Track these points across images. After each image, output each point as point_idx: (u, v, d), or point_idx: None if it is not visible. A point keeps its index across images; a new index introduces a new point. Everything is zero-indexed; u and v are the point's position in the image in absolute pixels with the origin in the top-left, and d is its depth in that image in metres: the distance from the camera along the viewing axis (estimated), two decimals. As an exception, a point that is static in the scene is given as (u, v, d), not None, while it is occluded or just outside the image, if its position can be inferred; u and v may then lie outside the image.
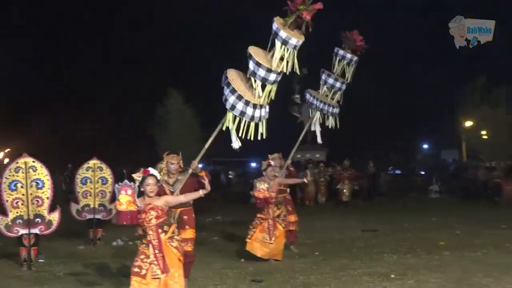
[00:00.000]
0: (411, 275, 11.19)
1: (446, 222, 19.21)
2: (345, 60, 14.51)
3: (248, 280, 11.08)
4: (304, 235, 15.50)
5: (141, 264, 8.52)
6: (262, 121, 9.66)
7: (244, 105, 9.35)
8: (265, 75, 9.46)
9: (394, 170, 40.15)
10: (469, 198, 27.61)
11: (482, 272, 11.27)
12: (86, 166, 15.58)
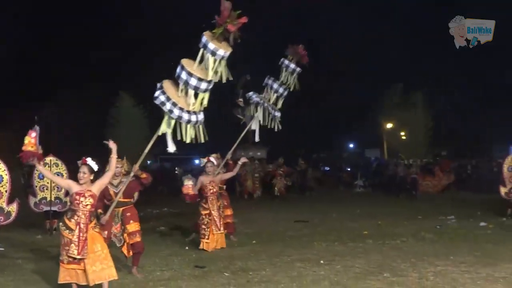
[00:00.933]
0: (338, 261, 11.27)
1: (369, 213, 19.38)
2: (289, 69, 14.74)
3: (192, 266, 11.05)
4: (243, 226, 15.50)
5: (69, 250, 8.51)
6: (199, 126, 9.81)
7: (180, 110, 9.51)
8: (197, 84, 9.61)
9: (323, 167, 40.40)
10: (390, 192, 27.88)
11: (401, 258, 11.41)
12: (43, 162, 15.35)
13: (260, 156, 32.84)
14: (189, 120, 9.62)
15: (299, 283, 9.46)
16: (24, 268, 11.02)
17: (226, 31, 9.74)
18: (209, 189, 12.89)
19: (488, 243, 13.22)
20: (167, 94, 9.60)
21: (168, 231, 15.89)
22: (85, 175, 8.72)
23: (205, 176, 12.99)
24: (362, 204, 22.96)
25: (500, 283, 9.30)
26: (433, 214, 18.56)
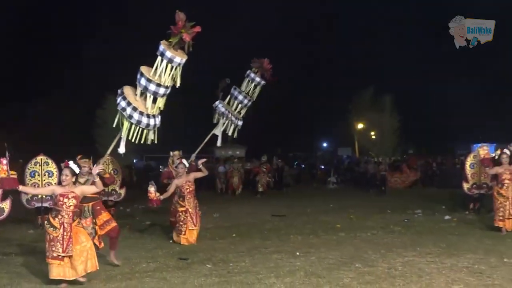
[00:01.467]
0: (312, 252, 11.29)
1: (342, 208, 19.44)
2: (254, 82, 15.18)
3: (176, 258, 11.02)
4: (223, 220, 15.50)
5: (55, 248, 8.65)
6: (155, 129, 10.29)
7: (139, 115, 9.87)
8: (156, 89, 10.03)
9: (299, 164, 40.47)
10: (361, 188, 27.99)
11: (371, 250, 11.46)
12: (34, 161, 15.48)
13: (239, 155, 32.93)
14: (148, 124, 10.02)
15: (276, 273, 9.46)
16: (17, 262, 10.92)
17: (181, 40, 10.08)
18: (186, 189, 12.93)
19: (452, 235, 13.31)
20: (128, 99, 9.90)
21: (153, 225, 15.83)
22: (67, 177, 8.86)
23: (178, 178, 13.06)
24: (335, 199, 22.99)
25: (463, 272, 9.37)
26: (401, 209, 18.65)
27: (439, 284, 8.57)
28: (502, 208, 13.55)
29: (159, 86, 10.05)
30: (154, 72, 10.09)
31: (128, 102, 9.89)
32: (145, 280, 9.24)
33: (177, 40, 10.05)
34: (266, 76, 15.21)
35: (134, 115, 9.86)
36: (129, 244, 11.26)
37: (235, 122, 14.97)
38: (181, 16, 9.99)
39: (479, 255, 10.75)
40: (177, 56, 10.06)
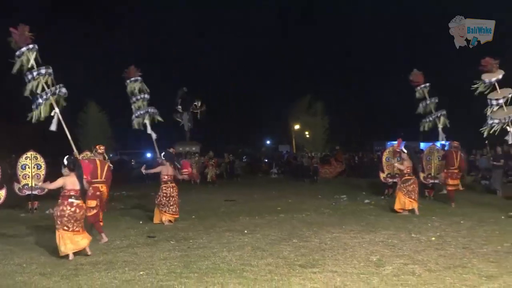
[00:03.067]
0: (258, 230, 11.32)
1: (282, 194, 19.50)
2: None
3: (145, 236, 10.93)
4: (185, 205, 15.35)
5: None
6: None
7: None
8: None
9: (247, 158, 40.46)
10: (297, 178, 28.10)
11: (306, 228, 11.54)
12: (25, 156, 15.31)
13: (194, 150, 32.75)
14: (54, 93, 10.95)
15: (228, 248, 9.46)
16: (10, 240, 10.69)
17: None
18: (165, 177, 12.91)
19: (370, 216, 13.49)
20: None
21: (126, 209, 15.64)
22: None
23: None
24: (277, 187, 23.07)
25: (379, 245, 9.52)
26: (329, 194, 18.80)
27: (360, 255, 8.68)
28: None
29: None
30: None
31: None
32: (119, 254, 9.13)
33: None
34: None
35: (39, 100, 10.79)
36: (106, 226, 11.10)
37: (151, 111, 14.60)
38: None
39: (392, 231, 10.94)
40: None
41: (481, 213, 13.42)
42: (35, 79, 10.78)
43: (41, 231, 11.64)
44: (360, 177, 26.39)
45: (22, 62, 10.98)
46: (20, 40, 11.00)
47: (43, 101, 10.71)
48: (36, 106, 10.64)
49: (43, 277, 7.60)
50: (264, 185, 24.46)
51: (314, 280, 7.15)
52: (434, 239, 10.04)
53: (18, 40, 11.05)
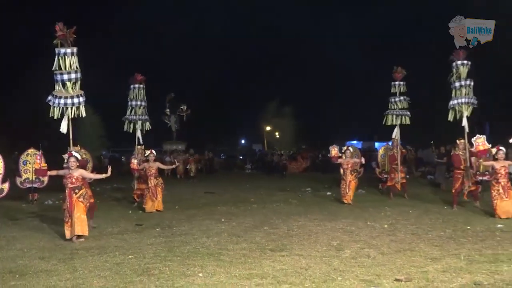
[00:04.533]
0: (234, 219, 11.31)
1: (255, 187, 19.53)
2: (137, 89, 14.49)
3: (133, 224, 10.85)
4: (169, 197, 15.27)
5: (65, 215, 8.98)
6: (79, 106, 10.17)
7: (64, 99, 10.04)
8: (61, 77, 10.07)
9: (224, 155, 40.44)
10: (268, 173, 28.18)
11: (275, 217, 11.57)
12: (26, 153, 15.17)
13: (181, 148, 32.62)
14: (73, 103, 10.04)
15: (207, 234, 9.43)
16: (13, 228, 10.53)
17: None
18: (150, 172, 12.98)
19: (332, 206, 13.58)
20: (54, 94, 10.03)
21: (116, 200, 15.50)
22: (74, 163, 9.11)
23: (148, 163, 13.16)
24: (250, 181, 23.10)
25: (339, 232, 9.58)
26: (296, 187, 18.88)
27: (323, 241, 8.72)
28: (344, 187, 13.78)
29: (62, 74, 10.02)
30: (57, 67, 10.06)
31: (54, 96, 10.00)
32: (110, 240, 9.05)
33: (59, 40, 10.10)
34: None
35: (60, 101, 9.95)
36: (99, 215, 10.99)
37: (143, 118, 14.54)
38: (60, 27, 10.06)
39: (350, 219, 11.01)
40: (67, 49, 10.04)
41: (427, 203, 13.58)
42: (65, 81, 10.08)
43: (40, 219, 11.49)
44: (323, 172, 26.53)
45: (61, 62, 10.05)
46: (63, 40, 10.08)
47: (63, 104, 10.02)
48: (57, 104, 10.01)
49: (42, 261, 7.50)
50: (239, 179, 24.45)
51: (282, 262, 7.16)
52: (387, 226, 10.13)
53: (62, 38, 10.10)
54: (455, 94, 13.06)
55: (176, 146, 33.31)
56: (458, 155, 12.89)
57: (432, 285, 5.96)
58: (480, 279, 6.19)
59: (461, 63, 12.89)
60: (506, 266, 6.76)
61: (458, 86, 12.96)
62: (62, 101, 10.00)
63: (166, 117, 34.86)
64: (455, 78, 13.01)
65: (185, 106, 35.25)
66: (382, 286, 5.99)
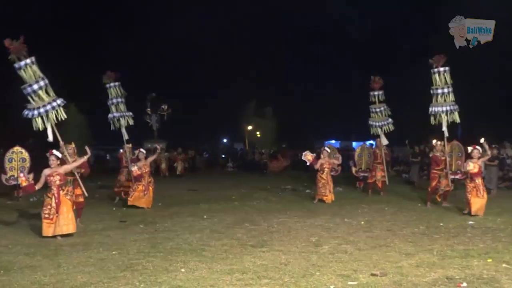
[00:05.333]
0: (215, 216, 11.31)
1: (236, 184, 19.49)
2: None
3: (117, 221, 10.81)
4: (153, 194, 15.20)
5: (49, 212, 8.74)
6: (57, 109, 9.98)
7: (41, 108, 9.83)
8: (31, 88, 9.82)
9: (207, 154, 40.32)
10: (249, 171, 28.17)
11: (256, 214, 11.60)
12: (11, 150, 14.94)
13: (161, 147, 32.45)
14: (52, 107, 9.86)
15: (190, 231, 9.42)
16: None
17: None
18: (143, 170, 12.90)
19: (311, 203, 13.63)
20: (29, 107, 9.79)
21: (100, 197, 15.38)
22: (54, 161, 9.02)
23: (134, 164, 13.00)
24: (232, 179, 23.03)
25: (318, 228, 9.64)
26: (277, 185, 18.87)
27: (302, 237, 8.77)
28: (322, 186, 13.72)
29: (31, 85, 9.79)
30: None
31: (29, 109, 9.78)
32: (95, 236, 8.99)
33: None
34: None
35: (35, 112, 9.74)
36: (84, 212, 10.87)
37: (126, 114, 14.21)
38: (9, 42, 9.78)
39: (328, 216, 11.09)
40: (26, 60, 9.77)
41: (402, 201, 13.73)
42: (36, 91, 9.83)
43: (26, 216, 11.36)
44: (302, 170, 26.60)
45: (24, 74, 9.82)
46: (17, 52, 9.75)
47: (44, 112, 9.81)
48: (37, 115, 9.77)
49: (27, 257, 7.43)
50: (221, 177, 24.40)
51: (263, 258, 7.18)
52: (363, 223, 10.22)
53: (15, 52, 9.76)
54: (436, 100, 12.90)
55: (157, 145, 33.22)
56: (437, 156, 12.96)
57: (406, 280, 6.04)
58: (452, 273, 6.29)
59: (443, 70, 12.70)
60: (476, 261, 6.88)
61: (441, 93, 12.79)
62: (42, 110, 9.81)
63: (147, 116, 34.76)
64: (435, 85, 12.92)
65: (166, 105, 35.20)
66: (359, 280, 6.05)
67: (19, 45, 9.75)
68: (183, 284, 5.98)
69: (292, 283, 5.96)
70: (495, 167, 15.67)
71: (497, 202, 12.76)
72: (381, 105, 15.80)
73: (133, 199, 12.67)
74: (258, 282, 6.03)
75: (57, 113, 10.02)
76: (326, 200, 13.52)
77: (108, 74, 14.15)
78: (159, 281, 6.09)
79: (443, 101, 12.84)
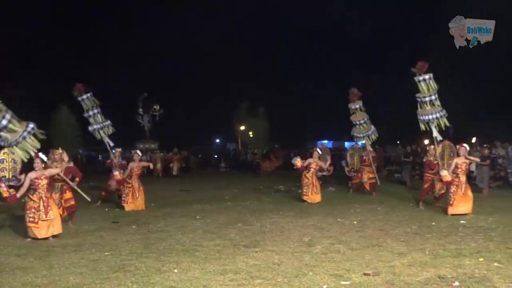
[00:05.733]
0: (208, 216, 11.30)
1: (229, 185, 19.48)
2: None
3: (110, 221, 10.78)
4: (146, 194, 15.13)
5: (34, 215, 8.70)
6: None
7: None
8: None
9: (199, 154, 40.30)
10: (242, 171, 28.16)
11: (249, 214, 11.59)
12: (3, 151, 14.67)
13: (153, 147, 32.44)
14: (28, 132, 8.62)
15: (182, 231, 9.40)
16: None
17: None
18: (134, 172, 12.98)
19: (303, 203, 13.60)
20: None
21: (92, 199, 15.27)
22: (38, 164, 8.93)
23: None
24: (224, 179, 23.03)
25: (311, 228, 9.65)
26: (269, 186, 18.89)
27: (295, 237, 8.77)
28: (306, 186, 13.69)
29: None
30: None
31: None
32: (87, 238, 8.96)
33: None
34: None
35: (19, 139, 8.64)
36: (76, 213, 10.82)
37: (105, 124, 13.86)
38: None
39: (321, 216, 11.10)
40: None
41: (394, 201, 13.77)
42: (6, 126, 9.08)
43: (17, 217, 11.27)
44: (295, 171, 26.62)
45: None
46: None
47: (22, 139, 8.63)
48: (15, 143, 9.06)
49: (19, 258, 7.38)
50: (214, 178, 24.39)
51: (256, 258, 7.18)
52: (356, 223, 10.24)
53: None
54: (422, 107, 12.66)
55: (149, 145, 33.18)
56: (430, 161, 12.96)
57: (398, 279, 6.05)
58: (444, 272, 6.31)
59: (422, 78, 12.35)
60: (468, 260, 6.91)
61: (428, 100, 12.49)
62: (20, 139, 8.65)
63: (139, 117, 34.72)
64: (422, 93, 12.82)
65: (158, 105, 35.17)
66: (351, 280, 6.05)
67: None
68: (176, 284, 5.97)
69: (285, 283, 5.96)
70: (487, 167, 15.75)
71: (488, 202, 12.84)
72: (363, 116, 15.95)
73: (128, 205, 12.70)
74: (251, 282, 6.02)
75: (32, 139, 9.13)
76: (307, 200, 13.49)
77: (77, 87, 13.80)
78: (152, 282, 6.07)
79: (431, 108, 12.77)
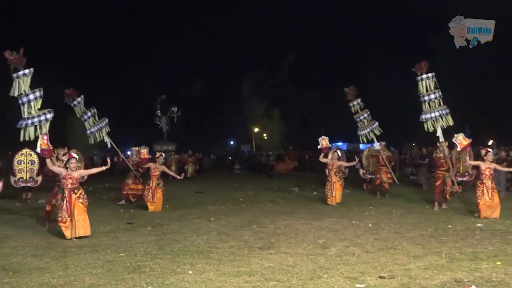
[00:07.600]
0: (223, 218, 11.29)
1: (243, 186, 19.53)
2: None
3: (125, 223, 10.80)
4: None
5: (61, 215, 8.88)
6: (41, 124, 9.45)
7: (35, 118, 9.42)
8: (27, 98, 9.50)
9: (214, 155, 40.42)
10: (256, 173, 28.17)
11: (263, 216, 11.57)
12: (20, 152, 14.97)
13: (171, 149, 32.58)
14: (46, 119, 9.44)
15: (197, 233, 9.41)
16: (6, 226, 10.45)
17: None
18: (153, 173, 13.18)
19: (318, 205, 13.60)
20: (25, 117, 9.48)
21: (108, 199, 15.41)
22: (73, 163, 9.14)
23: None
24: (239, 181, 23.07)
25: (325, 230, 9.59)
26: (283, 187, 18.89)
27: (309, 239, 8.73)
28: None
29: (28, 95, 9.50)
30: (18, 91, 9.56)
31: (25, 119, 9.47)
32: (103, 238, 9.00)
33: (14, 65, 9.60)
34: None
35: (29, 121, 9.41)
36: (91, 214, 10.84)
37: (103, 126, 14.12)
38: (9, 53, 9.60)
39: (336, 218, 11.04)
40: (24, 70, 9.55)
41: (409, 203, 13.66)
42: (29, 102, 9.62)
43: (34, 218, 11.41)
44: (309, 172, 26.57)
45: (19, 85, 9.63)
46: (18, 63, 9.66)
47: (31, 124, 9.43)
48: (24, 125, 9.54)
49: (35, 258, 7.44)
50: (228, 179, 24.40)
51: (270, 260, 7.16)
52: (371, 225, 10.17)
53: (15, 62, 9.67)
54: (425, 108, 13.03)
55: (166, 147, 33.33)
56: (439, 157, 12.96)
57: (414, 282, 5.99)
58: (460, 276, 6.23)
59: (426, 77, 12.82)
60: (485, 264, 6.82)
61: (428, 100, 12.91)
62: (36, 120, 9.44)
63: (157, 119, 34.92)
64: (423, 92, 12.97)
65: (176, 107, 35.34)
66: (366, 283, 6.01)
67: (18, 56, 9.68)
68: (191, 286, 5.97)
69: (300, 286, 5.93)
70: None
71: (506, 205, 12.64)
72: (363, 112, 16.01)
73: (151, 204, 12.88)
74: (266, 284, 6.00)
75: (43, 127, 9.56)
76: (329, 202, 13.52)
77: (67, 93, 13.80)
78: (166, 283, 6.08)
79: (434, 107, 12.93)
